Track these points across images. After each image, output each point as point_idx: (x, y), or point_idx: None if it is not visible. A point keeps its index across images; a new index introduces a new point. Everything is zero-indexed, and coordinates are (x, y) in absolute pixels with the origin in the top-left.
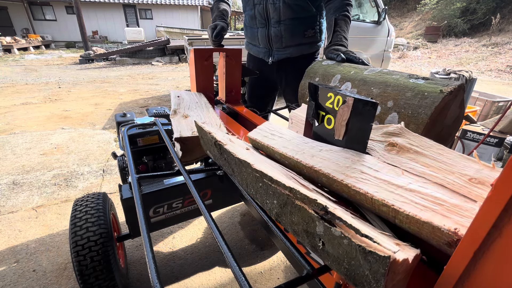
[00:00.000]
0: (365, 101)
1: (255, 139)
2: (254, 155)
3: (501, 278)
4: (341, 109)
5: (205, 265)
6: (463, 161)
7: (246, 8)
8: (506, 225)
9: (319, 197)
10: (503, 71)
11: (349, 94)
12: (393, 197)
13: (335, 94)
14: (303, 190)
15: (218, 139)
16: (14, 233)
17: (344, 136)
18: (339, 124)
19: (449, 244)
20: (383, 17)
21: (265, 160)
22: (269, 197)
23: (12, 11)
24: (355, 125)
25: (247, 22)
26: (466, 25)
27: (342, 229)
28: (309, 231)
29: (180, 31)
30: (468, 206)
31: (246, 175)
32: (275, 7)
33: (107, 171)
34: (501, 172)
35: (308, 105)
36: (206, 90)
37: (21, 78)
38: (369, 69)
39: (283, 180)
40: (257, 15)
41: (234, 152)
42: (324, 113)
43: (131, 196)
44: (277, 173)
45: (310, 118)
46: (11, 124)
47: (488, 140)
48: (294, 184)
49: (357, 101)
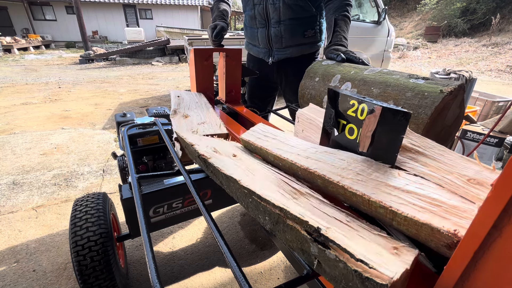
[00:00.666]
0: (395, 110)
1: (248, 141)
2: (242, 164)
3: (501, 278)
4: (368, 119)
5: (205, 265)
6: (463, 162)
7: (246, 8)
8: (506, 225)
9: (312, 215)
10: (503, 71)
11: (376, 102)
12: (391, 198)
13: (359, 101)
14: (293, 209)
15: (201, 153)
16: (14, 233)
17: (369, 148)
18: (364, 135)
19: (449, 246)
20: (383, 17)
21: (255, 167)
22: (260, 212)
23: (12, 11)
24: (383, 137)
25: (247, 22)
26: (466, 25)
27: (336, 252)
28: (304, 249)
29: (180, 31)
30: (466, 207)
31: (234, 190)
32: (275, 7)
33: (107, 171)
34: (501, 172)
35: (325, 112)
36: (206, 90)
37: (21, 78)
38: (369, 69)
39: (273, 197)
40: (257, 15)
41: (219, 167)
42: (345, 122)
43: (131, 196)
44: (268, 185)
45: (329, 126)
46: (11, 124)
47: (488, 140)
48: (285, 199)
49: (386, 110)
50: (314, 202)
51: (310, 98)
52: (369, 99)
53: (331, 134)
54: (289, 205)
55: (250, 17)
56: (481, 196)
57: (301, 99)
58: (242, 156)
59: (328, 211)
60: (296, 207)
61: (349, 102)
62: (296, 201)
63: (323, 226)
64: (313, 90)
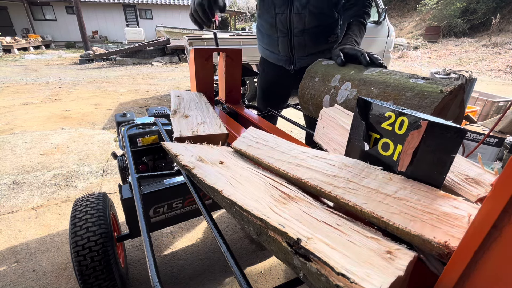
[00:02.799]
0: (446, 126)
1: (240, 149)
2: (227, 172)
3: (501, 278)
4: (411, 135)
5: (205, 265)
6: (465, 164)
7: (265, 15)
8: (506, 225)
9: (295, 223)
10: (503, 71)
11: (419, 115)
12: (382, 207)
13: (398, 114)
14: (274, 220)
15: (184, 164)
16: (14, 233)
17: (409, 167)
18: (405, 153)
19: (441, 256)
20: (383, 17)
21: (243, 174)
22: (245, 222)
23: (12, 11)
24: (428, 156)
25: (263, 29)
26: (466, 25)
27: (318, 265)
28: (288, 261)
29: (180, 31)
30: (458, 213)
31: (219, 199)
32: (300, 17)
33: (107, 171)
34: (501, 172)
35: (353, 123)
36: (206, 90)
37: (21, 78)
38: (369, 69)
39: (255, 206)
40: (278, 24)
41: (202, 178)
42: (377, 135)
43: (131, 196)
44: (252, 192)
45: (358, 140)
46: (11, 124)
47: (488, 140)
48: (267, 208)
49: (433, 125)
50: (303, 206)
51: (310, 98)
52: (409, 111)
53: (359, 147)
54: (270, 215)
55: (269, 24)
56: (474, 193)
57: (300, 99)
58: (231, 162)
59: (318, 215)
60: (277, 217)
61: (384, 114)
62: (284, 206)
63: (304, 237)
64: (313, 90)
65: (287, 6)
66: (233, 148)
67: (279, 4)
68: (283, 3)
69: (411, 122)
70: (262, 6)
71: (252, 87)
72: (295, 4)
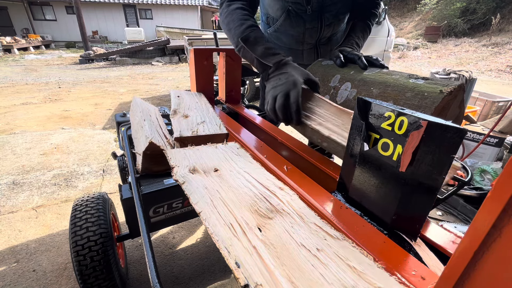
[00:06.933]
0: (445, 126)
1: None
2: (215, 185)
3: (501, 278)
4: (412, 135)
5: (205, 265)
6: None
7: (290, 31)
8: (506, 225)
9: (253, 262)
10: (503, 71)
11: (418, 114)
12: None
13: (398, 114)
14: (232, 256)
15: (175, 178)
16: (14, 233)
17: (409, 167)
18: (406, 153)
19: None
20: (383, 17)
21: (232, 184)
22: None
23: (12, 11)
24: (426, 157)
25: (283, 43)
26: (466, 25)
27: None
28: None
29: (180, 31)
30: None
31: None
32: (330, 26)
33: (107, 171)
34: (501, 172)
35: (352, 124)
36: (206, 90)
37: (21, 78)
38: (368, 69)
39: (221, 236)
40: (307, 38)
41: (188, 195)
42: (377, 136)
43: (131, 196)
44: (230, 212)
45: (355, 140)
46: (11, 124)
47: (488, 140)
48: (235, 240)
49: (433, 125)
50: (287, 223)
51: None
52: (409, 111)
53: (361, 149)
54: (234, 247)
55: (294, 39)
56: None
57: None
58: (227, 167)
59: (300, 236)
60: (240, 250)
61: (384, 114)
62: (264, 225)
63: (253, 283)
64: None
65: (318, 20)
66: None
67: (310, 19)
68: (314, 18)
69: (410, 122)
70: (288, 24)
71: (252, 87)
72: (325, 16)
